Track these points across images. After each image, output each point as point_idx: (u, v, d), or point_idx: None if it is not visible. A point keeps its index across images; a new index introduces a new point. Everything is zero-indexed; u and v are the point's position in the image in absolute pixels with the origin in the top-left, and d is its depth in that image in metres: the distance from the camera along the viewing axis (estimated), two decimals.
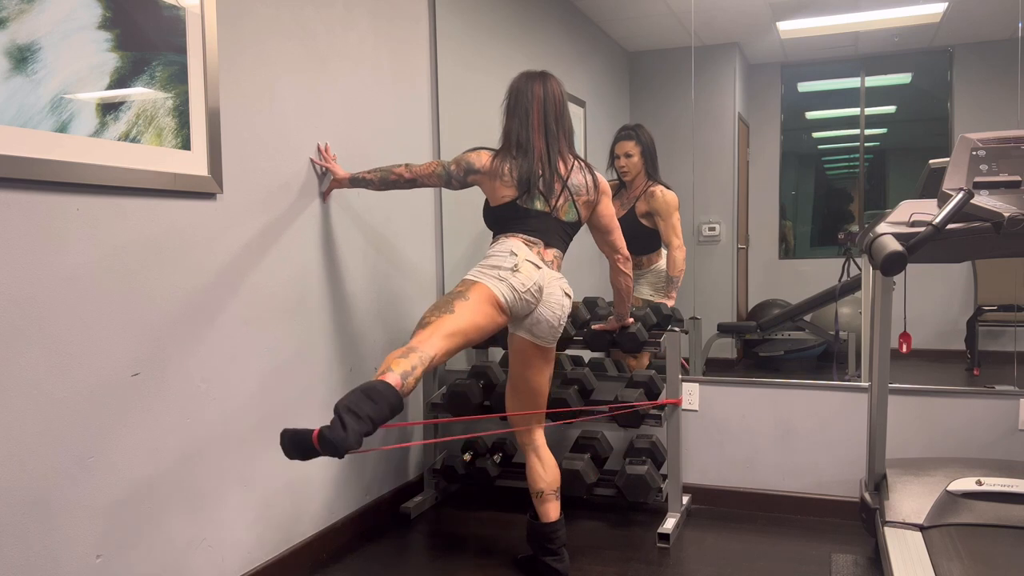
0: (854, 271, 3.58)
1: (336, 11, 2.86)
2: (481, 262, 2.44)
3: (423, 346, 2.15)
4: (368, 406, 1.90)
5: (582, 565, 2.71)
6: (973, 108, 3.38)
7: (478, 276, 2.38)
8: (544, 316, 2.46)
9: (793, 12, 3.57)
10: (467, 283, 2.38)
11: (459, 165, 2.54)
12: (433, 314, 2.27)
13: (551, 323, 2.47)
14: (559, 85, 2.51)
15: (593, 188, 2.54)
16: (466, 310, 2.29)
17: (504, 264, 2.38)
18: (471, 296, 2.32)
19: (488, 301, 2.34)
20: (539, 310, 2.45)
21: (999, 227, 2.03)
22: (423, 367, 2.10)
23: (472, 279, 2.39)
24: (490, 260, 2.42)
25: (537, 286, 2.41)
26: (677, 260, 3.46)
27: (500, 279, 2.36)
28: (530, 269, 2.39)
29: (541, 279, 2.42)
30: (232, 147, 2.37)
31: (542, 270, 2.42)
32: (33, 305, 1.79)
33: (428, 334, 2.20)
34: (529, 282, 2.38)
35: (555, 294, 2.46)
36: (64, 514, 1.88)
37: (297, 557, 2.67)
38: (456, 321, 2.26)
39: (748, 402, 3.25)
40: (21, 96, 1.74)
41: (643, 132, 3.52)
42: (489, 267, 2.39)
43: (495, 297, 2.35)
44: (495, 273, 2.37)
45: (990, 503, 2.41)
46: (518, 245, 2.42)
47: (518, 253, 2.40)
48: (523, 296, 2.38)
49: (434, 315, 2.27)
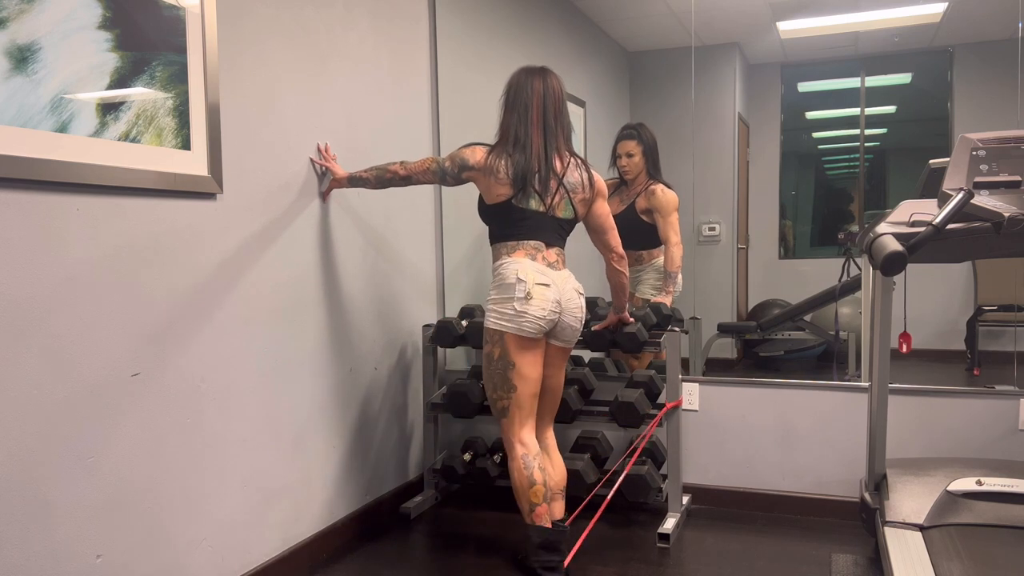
0: (854, 271, 3.58)
1: (336, 11, 2.86)
2: (492, 294, 2.48)
3: (527, 443, 2.50)
4: (556, 554, 2.47)
5: (582, 565, 2.70)
6: (973, 108, 3.38)
7: (500, 324, 2.44)
8: (568, 323, 2.52)
9: (793, 12, 3.57)
10: (494, 338, 2.47)
11: (453, 161, 2.53)
12: (502, 397, 2.51)
13: (574, 326, 2.54)
14: (559, 82, 2.51)
15: (589, 186, 2.55)
16: (522, 376, 2.47)
17: (517, 295, 2.41)
18: (515, 358, 2.45)
19: (525, 347, 2.45)
20: (563, 319, 2.50)
21: (999, 227, 2.03)
22: (541, 459, 2.52)
23: (497, 329, 2.45)
24: (501, 292, 2.44)
25: (555, 303, 2.43)
26: (675, 257, 3.47)
27: (520, 314, 2.41)
28: (541, 292, 2.42)
29: (556, 293, 2.44)
30: (232, 147, 2.37)
31: (552, 285, 2.44)
32: (33, 305, 1.79)
33: (518, 426, 2.51)
34: (548, 304, 2.43)
35: (573, 300, 2.51)
36: (64, 514, 1.88)
37: (297, 557, 2.67)
38: (524, 394, 2.49)
39: (748, 402, 3.25)
40: (21, 96, 1.74)
41: (645, 131, 3.52)
42: (503, 303, 2.43)
43: (526, 339, 2.44)
44: (511, 310, 2.41)
45: (990, 503, 2.41)
46: (523, 266, 2.43)
47: (526, 278, 2.41)
48: (547, 318, 2.44)
49: (503, 398, 2.50)
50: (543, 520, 2.45)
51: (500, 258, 2.50)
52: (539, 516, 2.45)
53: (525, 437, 2.49)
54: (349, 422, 2.97)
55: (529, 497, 2.44)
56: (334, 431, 2.88)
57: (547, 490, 2.46)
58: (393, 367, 3.27)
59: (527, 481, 2.45)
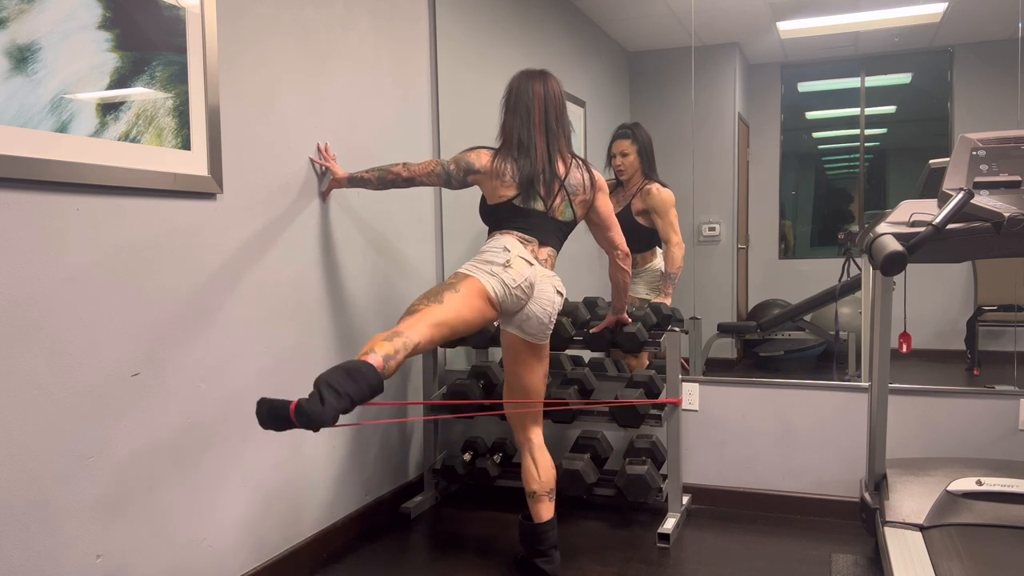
0: (854, 271, 3.58)
1: (336, 11, 2.86)
2: (475, 257, 2.46)
3: (409, 332, 2.17)
4: (348, 384, 1.92)
5: (582, 565, 2.71)
6: (973, 108, 3.38)
7: (470, 270, 2.40)
8: (534, 312, 2.46)
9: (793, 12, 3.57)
10: (459, 276, 2.40)
11: (458, 165, 2.53)
12: (422, 303, 2.29)
13: (541, 320, 2.48)
14: (559, 85, 2.53)
15: (590, 186, 2.55)
16: (454, 302, 2.30)
17: (496, 259, 2.39)
18: (461, 288, 2.34)
19: (478, 295, 2.35)
20: (529, 307, 2.45)
21: (999, 227, 2.03)
22: (406, 352, 2.12)
23: (464, 272, 2.40)
24: (484, 255, 2.43)
25: (528, 282, 2.41)
26: (676, 257, 3.45)
27: (492, 274, 2.37)
28: (522, 265, 2.40)
29: (532, 275, 2.42)
30: (232, 147, 2.37)
31: (534, 267, 2.43)
32: (33, 305, 1.79)
33: (415, 321, 2.22)
34: (520, 278, 2.39)
35: (546, 291, 2.47)
36: (64, 514, 1.88)
37: (297, 557, 2.67)
38: (443, 311, 2.27)
39: (748, 402, 3.25)
40: (21, 96, 1.74)
41: (640, 131, 3.51)
42: (482, 262, 2.41)
43: (485, 291, 2.36)
44: (487, 268, 2.38)
45: (990, 503, 2.41)
46: (512, 242, 2.44)
47: (511, 249, 2.41)
48: (513, 292, 2.39)
49: (422, 304, 2.28)
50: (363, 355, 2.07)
51: (491, 237, 2.50)
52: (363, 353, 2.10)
53: (403, 326, 2.20)
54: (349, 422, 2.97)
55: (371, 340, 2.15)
56: (334, 431, 2.88)
57: (375, 347, 2.08)
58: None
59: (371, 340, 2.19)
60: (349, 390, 1.91)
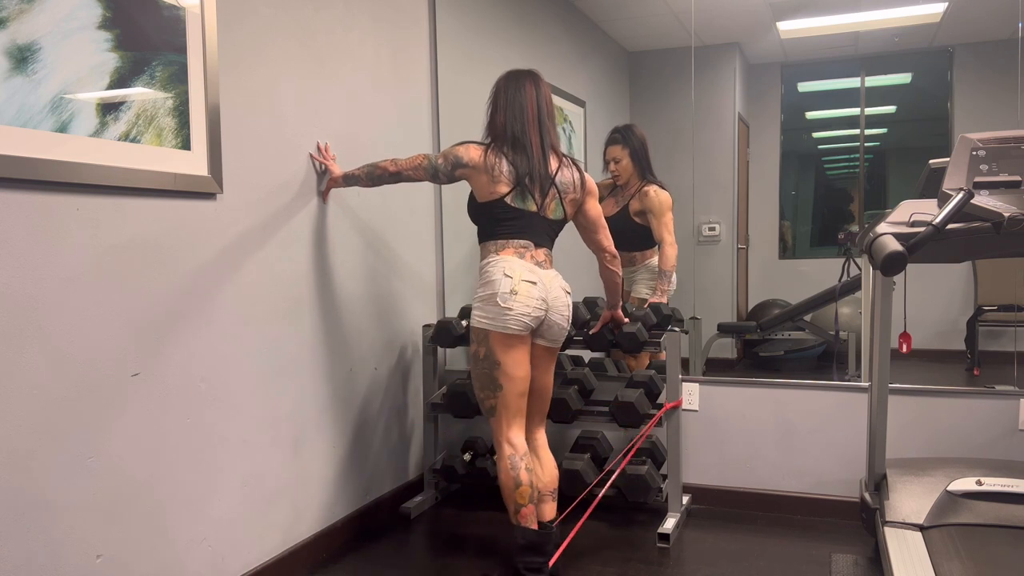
0: (854, 271, 3.58)
1: (336, 11, 2.86)
2: (478, 291, 2.46)
3: (516, 443, 2.48)
4: (540, 555, 2.47)
5: (582, 565, 2.71)
6: (973, 108, 3.38)
7: (485, 323, 2.42)
8: (555, 321, 2.51)
9: (793, 12, 3.57)
10: (479, 337, 2.45)
11: (446, 159, 2.51)
12: (488, 397, 2.49)
13: (561, 325, 2.53)
14: (547, 85, 2.56)
15: (580, 187, 2.56)
16: (508, 375, 2.45)
17: (502, 290, 2.39)
18: (500, 356, 2.43)
19: (510, 346, 2.43)
20: (549, 316, 2.49)
21: (999, 227, 2.03)
22: (529, 460, 2.49)
23: (481, 328, 2.44)
24: (487, 288, 2.43)
25: (541, 300, 2.43)
26: (669, 256, 3.46)
27: (507, 311, 2.39)
28: (528, 289, 2.41)
29: (543, 291, 2.44)
30: (232, 147, 2.37)
31: (539, 283, 2.44)
32: (33, 305, 1.79)
33: (505, 426, 2.49)
34: (532, 301, 2.42)
35: (560, 298, 2.50)
36: (64, 513, 1.88)
37: (297, 557, 2.67)
38: (510, 393, 2.47)
39: (748, 402, 3.25)
40: (21, 96, 1.74)
41: (631, 133, 3.49)
42: (490, 303, 2.41)
43: (511, 337, 2.42)
44: (496, 311, 2.40)
45: (990, 503, 2.41)
46: (511, 264, 2.42)
47: (512, 275, 2.40)
48: (532, 315, 2.42)
49: (490, 398, 2.49)
50: (528, 521, 2.46)
51: (488, 256, 2.49)
52: (524, 517, 2.45)
53: (513, 437, 2.48)
54: (349, 422, 2.97)
55: (515, 498, 2.45)
56: (334, 431, 2.88)
57: (533, 491, 2.46)
58: (393, 367, 3.27)
59: (513, 482, 2.45)
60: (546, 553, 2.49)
